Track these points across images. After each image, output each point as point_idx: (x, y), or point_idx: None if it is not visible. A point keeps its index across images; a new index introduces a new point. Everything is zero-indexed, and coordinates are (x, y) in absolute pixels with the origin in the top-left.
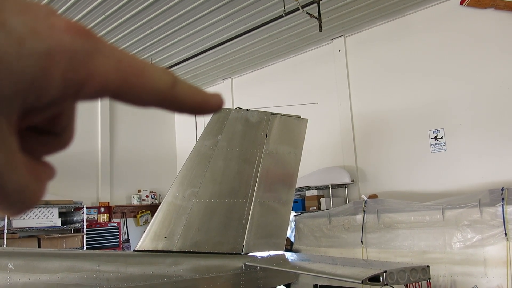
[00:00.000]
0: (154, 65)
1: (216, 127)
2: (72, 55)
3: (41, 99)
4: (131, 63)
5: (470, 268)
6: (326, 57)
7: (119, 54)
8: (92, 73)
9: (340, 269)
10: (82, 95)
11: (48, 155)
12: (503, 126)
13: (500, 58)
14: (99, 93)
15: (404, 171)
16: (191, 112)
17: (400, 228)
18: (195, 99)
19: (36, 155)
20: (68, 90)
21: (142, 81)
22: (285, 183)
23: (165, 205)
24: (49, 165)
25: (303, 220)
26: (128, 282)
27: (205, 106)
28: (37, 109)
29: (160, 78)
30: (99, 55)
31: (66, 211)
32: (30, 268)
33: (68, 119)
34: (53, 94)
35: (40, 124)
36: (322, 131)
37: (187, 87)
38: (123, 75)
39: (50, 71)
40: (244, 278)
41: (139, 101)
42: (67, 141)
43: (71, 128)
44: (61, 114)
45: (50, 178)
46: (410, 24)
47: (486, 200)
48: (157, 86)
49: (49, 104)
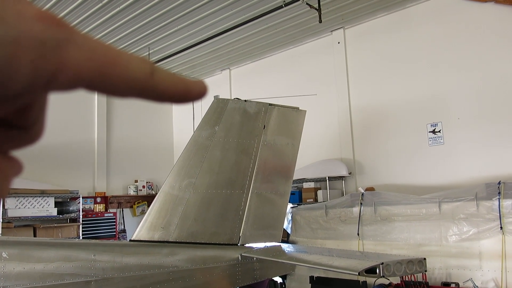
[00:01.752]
0: (130, 54)
1: (213, 118)
2: (42, 43)
3: (8, 89)
4: (105, 52)
5: (466, 261)
6: (325, 49)
7: (93, 44)
8: (63, 62)
9: (336, 261)
10: (53, 85)
11: (15, 150)
12: (501, 121)
13: (499, 52)
14: (72, 83)
15: (401, 164)
16: (173, 101)
17: (397, 220)
18: (177, 87)
19: (2, 150)
20: (38, 80)
21: (118, 70)
22: (282, 174)
23: (161, 195)
24: (16, 160)
25: (300, 212)
26: (123, 272)
27: (188, 94)
28: (4, 100)
29: (137, 67)
30: (71, 44)
31: (62, 200)
32: (24, 257)
33: (38, 112)
34: (22, 84)
35: (7, 117)
36: (320, 123)
37: (167, 75)
38: (97, 64)
39: (17, 60)
40: (240, 269)
41: (116, 91)
42: (36, 135)
43: (42, 122)
44: (31, 106)
45: (16, 174)
46: (410, 17)
47: (482, 193)
48: (134, 75)
49: (18, 95)
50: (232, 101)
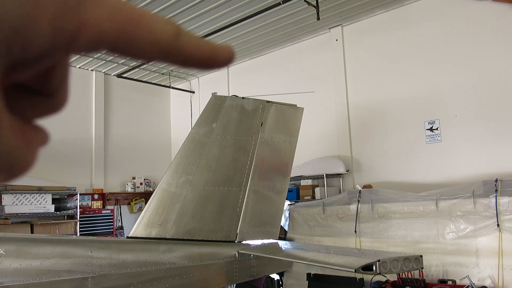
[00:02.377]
0: (154, 14)
1: (211, 115)
2: (62, 1)
3: (28, 50)
4: (128, 11)
5: (462, 258)
6: (323, 46)
7: (114, 2)
8: (84, 22)
9: (333, 258)
10: (75, 47)
11: (39, 119)
12: (498, 118)
13: (497, 50)
14: (93, 45)
15: (399, 161)
16: (198, 65)
17: (394, 218)
18: (203, 51)
19: (26, 118)
20: (58, 40)
21: (141, 31)
22: (280, 172)
23: (159, 192)
24: (42, 129)
25: (297, 209)
26: (120, 268)
27: (214, 59)
28: (25, 62)
29: (162, 28)
30: (92, 2)
31: (60, 197)
32: (21, 254)
33: (61, 77)
34: (42, 45)
35: (29, 83)
36: (317, 120)
37: (193, 38)
38: (120, 25)
39: (36, 18)
40: (237, 266)
41: (140, 53)
42: (60, 103)
43: (65, 88)
44: (52, 70)
45: (42, 144)
46: (408, 14)
47: (479, 191)
48: (158, 36)
49: (38, 57)
50: (230, 98)
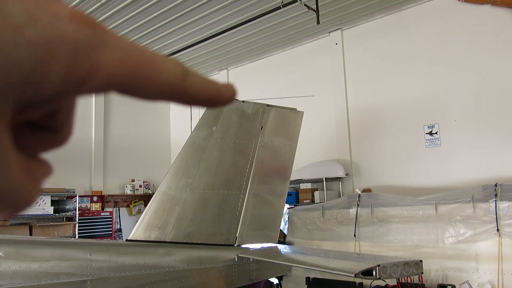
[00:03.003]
0: (163, 56)
1: (211, 118)
2: (75, 47)
3: (39, 94)
4: (139, 54)
5: (462, 263)
6: (323, 50)
7: (126, 45)
8: (96, 67)
9: (333, 263)
10: (85, 89)
11: (45, 152)
12: (498, 122)
13: (496, 54)
14: (103, 87)
15: (398, 165)
16: (203, 104)
17: (393, 222)
18: (208, 91)
19: (32, 152)
20: (69, 85)
21: (151, 73)
22: (279, 175)
23: (158, 195)
24: (46, 162)
25: (297, 213)
26: (120, 271)
27: (218, 98)
28: (35, 104)
29: (170, 70)
30: (104, 47)
31: (59, 199)
32: (20, 256)
33: (67, 114)
34: (52, 89)
35: (37, 119)
36: (317, 124)
37: (199, 79)
38: (130, 67)
39: (49, 65)
40: (236, 269)
41: (148, 94)
42: (65, 137)
43: (70, 124)
44: (60, 109)
45: (46, 177)
46: (407, 19)
47: (479, 195)
48: (166, 78)
49: (48, 100)
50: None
